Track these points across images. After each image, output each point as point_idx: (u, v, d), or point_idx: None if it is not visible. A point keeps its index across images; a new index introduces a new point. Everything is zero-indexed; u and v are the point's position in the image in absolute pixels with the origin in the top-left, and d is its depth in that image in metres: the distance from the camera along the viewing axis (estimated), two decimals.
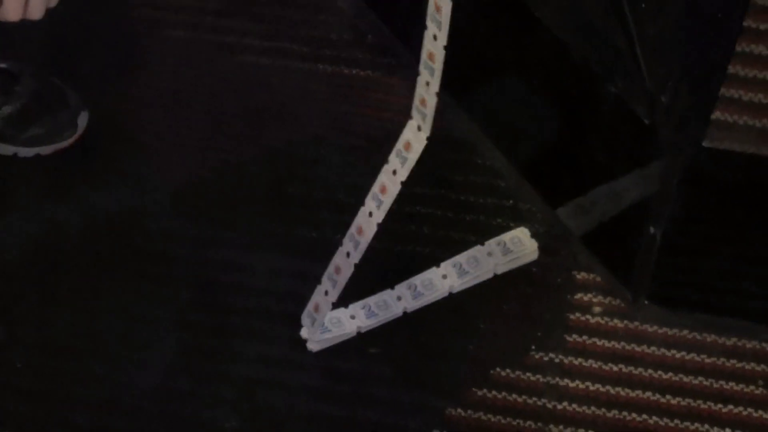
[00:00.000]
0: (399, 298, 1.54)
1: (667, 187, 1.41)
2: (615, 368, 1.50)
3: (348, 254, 1.47)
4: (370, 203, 1.43)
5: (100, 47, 1.77)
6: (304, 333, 1.53)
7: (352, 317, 1.53)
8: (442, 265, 1.56)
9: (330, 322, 1.52)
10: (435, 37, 1.28)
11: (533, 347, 1.52)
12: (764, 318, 1.49)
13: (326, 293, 1.49)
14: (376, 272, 1.57)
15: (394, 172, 1.41)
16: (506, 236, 1.58)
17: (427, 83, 1.32)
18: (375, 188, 1.43)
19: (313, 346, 1.52)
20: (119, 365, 1.52)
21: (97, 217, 1.64)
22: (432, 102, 1.34)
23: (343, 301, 1.54)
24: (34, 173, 1.66)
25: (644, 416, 1.47)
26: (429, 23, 1.27)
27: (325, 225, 1.63)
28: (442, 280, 1.55)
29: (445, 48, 1.27)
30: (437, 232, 1.60)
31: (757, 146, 1.45)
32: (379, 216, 1.43)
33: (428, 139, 1.37)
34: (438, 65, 1.30)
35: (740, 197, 1.47)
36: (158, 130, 1.71)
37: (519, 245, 1.57)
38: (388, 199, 1.41)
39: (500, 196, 1.62)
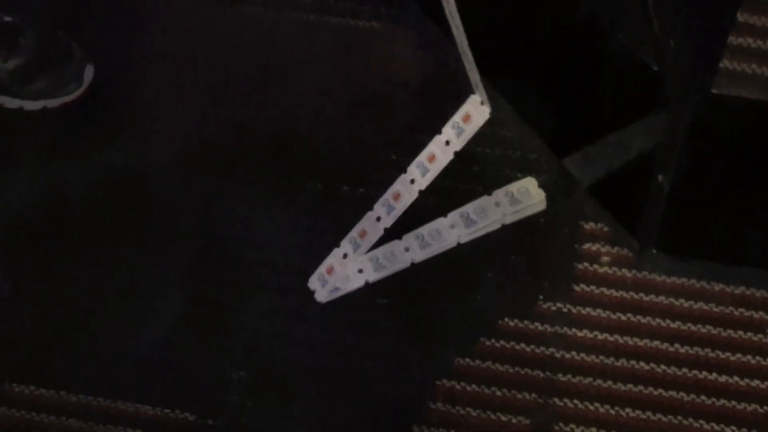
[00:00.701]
0: (407, 249, 1.53)
1: (674, 135, 1.40)
2: (622, 317, 1.50)
3: (378, 218, 1.48)
4: (413, 171, 1.44)
5: (105, 1, 1.76)
6: (311, 284, 1.53)
7: (360, 271, 1.53)
8: (450, 215, 1.55)
9: (338, 280, 1.52)
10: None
11: (541, 297, 1.52)
12: None
13: (345, 256, 1.49)
14: None
15: (447, 143, 1.42)
16: (513, 186, 1.57)
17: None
18: (422, 157, 1.44)
19: (320, 298, 1.52)
20: (126, 319, 1.53)
21: (104, 172, 1.64)
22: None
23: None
24: (40, 128, 1.66)
25: (652, 365, 1.47)
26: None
27: (331, 178, 1.62)
28: (449, 230, 1.54)
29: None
30: (444, 183, 1.60)
31: (765, 93, 1.45)
32: (423, 184, 1.45)
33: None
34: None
35: (748, 145, 1.47)
36: (163, 85, 1.70)
37: (526, 195, 1.57)
38: (435, 168, 1.43)
39: (507, 147, 1.61)
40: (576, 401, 1.45)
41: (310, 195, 1.61)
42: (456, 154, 1.58)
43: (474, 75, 1.45)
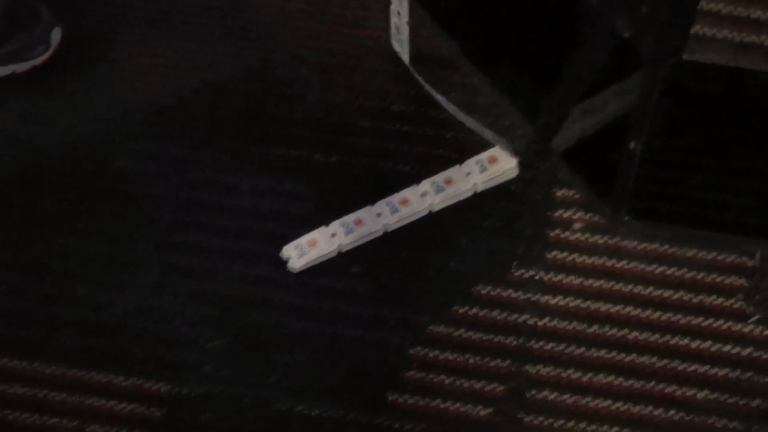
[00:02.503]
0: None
1: (646, 100, 1.40)
2: (596, 284, 1.51)
3: (379, 215, 1.49)
4: (426, 186, 1.46)
5: None
6: (285, 253, 1.53)
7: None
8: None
9: (309, 245, 1.52)
10: None
11: (514, 264, 1.52)
12: (743, 230, 1.50)
13: (333, 235, 1.49)
14: (356, 190, 1.57)
15: (468, 174, 1.43)
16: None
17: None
18: (439, 177, 1.46)
19: (294, 266, 1.52)
20: (101, 286, 1.53)
21: (76, 137, 1.63)
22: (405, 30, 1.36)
23: (324, 219, 1.54)
24: (9, 93, 1.65)
25: (625, 330, 1.48)
26: None
27: (306, 144, 1.62)
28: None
29: None
30: (417, 149, 1.60)
31: (735, 59, 1.45)
32: (435, 200, 1.46)
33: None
34: None
35: (719, 110, 1.47)
36: (134, 49, 1.70)
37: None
38: (451, 191, 1.45)
39: (480, 113, 1.61)
40: (549, 367, 1.46)
41: (285, 161, 1.60)
42: (430, 118, 1.58)
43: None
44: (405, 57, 1.49)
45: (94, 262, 1.55)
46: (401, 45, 1.49)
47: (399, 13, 1.40)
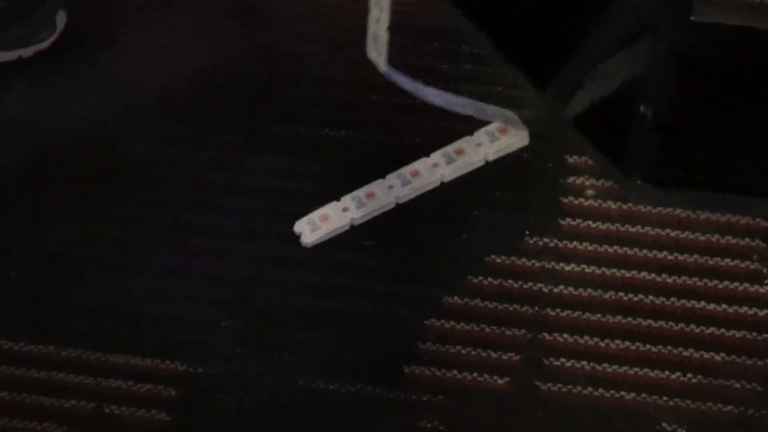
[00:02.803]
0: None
1: (655, 64, 1.39)
2: (610, 250, 1.50)
3: (390, 187, 1.48)
4: (437, 157, 1.45)
5: None
6: (297, 228, 1.53)
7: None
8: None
9: (321, 220, 1.52)
10: None
11: (527, 233, 1.52)
12: (757, 192, 1.48)
13: (345, 209, 1.49)
14: (367, 164, 1.57)
15: (478, 145, 1.43)
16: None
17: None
18: (449, 149, 1.45)
19: (307, 241, 1.52)
20: (115, 270, 1.53)
21: (85, 122, 1.63)
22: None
23: (335, 194, 1.54)
24: (17, 79, 1.65)
25: (641, 296, 1.47)
26: None
27: (315, 121, 1.62)
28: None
29: None
30: (426, 122, 1.59)
31: (745, 19, 1.43)
32: (446, 171, 1.46)
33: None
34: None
35: (729, 72, 1.45)
36: (138, 31, 1.69)
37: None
38: (462, 161, 1.44)
39: (488, 83, 1.60)
40: (565, 335, 1.45)
41: (294, 139, 1.60)
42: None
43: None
44: (381, 65, 1.49)
45: (106, 245, 1.55)
46: (378, 53, 1.49)
47: (378, 20, 1.40)
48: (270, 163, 1.59)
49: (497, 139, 1.55)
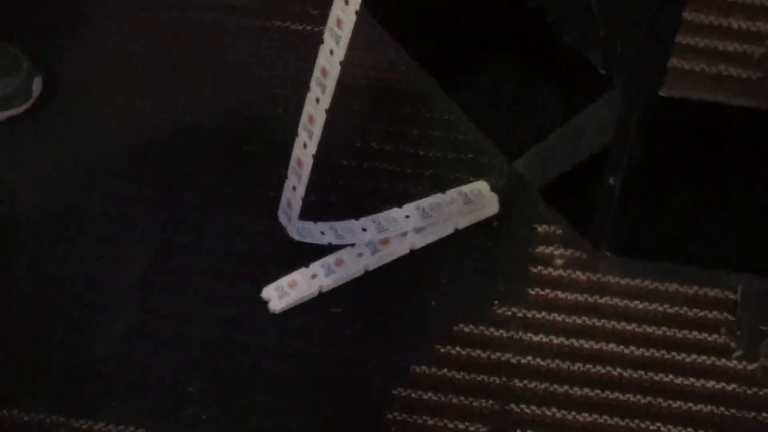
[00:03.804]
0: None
1: (624, 136, 1.40)
2: (578, 320, 1.50)
3: (360, 255, 1.48)
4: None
5: (47, 8, 1.74)
6: (265, 294, 1.52)
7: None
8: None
9: (290, 286, 1.51)
10: (331, 52, 1.28)
11: (496, 302, 1.52)
12: (725, 265, 1.49)
13: (294, 188, 1.48)
14: None
15: (317, 100, 1.41)
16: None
17: (317, 99, 1.33)
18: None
19: (275, 308, 1.51)
20: (78, 330, 1.51)
21: (51, 181, 1.62)
22: (321, 119, 1.36)
23: (302, 256, 1.53)
24: None
25: (608, 368, 1.47)
26: (326, 37, 1.28)
27: (283, 183, 1.61)
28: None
29: (341, 64, 1.29)
30: (396, 187, 1.59)
31: (714, 93, 1.45)
32: (416, 240, 1.53)
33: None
34: (330, 82, 1.30)
35: (697, 145, 1.46)
36: (110, 91, 1.69)
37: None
38: (432, 230, 1.51)
39: (459, 150, 1.61)
40: (533, 406, 1.45)
41: (262, 200, 1.60)
42: (409, 156, 1.58)
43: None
44: (292, 232, 1.50)
45: (69, 306, 1.53)
46: (289, 219, 1.50)
47: (295, 188, 1.43)
48: (237, 225, 1.59)
49: (470, 201, 1.55)
